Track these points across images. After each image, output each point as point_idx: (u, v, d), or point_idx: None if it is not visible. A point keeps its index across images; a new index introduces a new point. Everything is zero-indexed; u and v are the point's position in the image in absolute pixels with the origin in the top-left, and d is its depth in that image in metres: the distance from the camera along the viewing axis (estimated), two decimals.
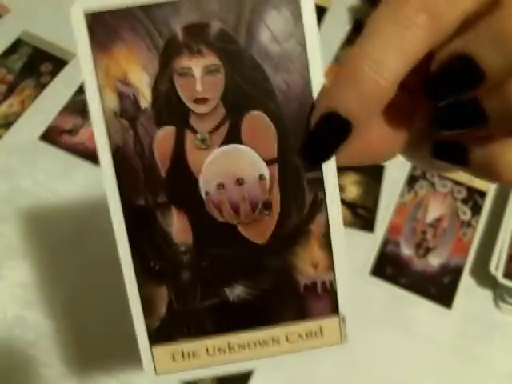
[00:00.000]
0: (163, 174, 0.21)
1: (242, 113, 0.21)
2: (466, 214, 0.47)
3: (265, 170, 0.22)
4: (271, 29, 0.21)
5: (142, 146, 0.21)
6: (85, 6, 0.20)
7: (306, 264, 0.22)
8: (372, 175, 0.49)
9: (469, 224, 0.47)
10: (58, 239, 0.48)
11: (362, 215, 0.47)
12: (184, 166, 0.21)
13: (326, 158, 0.21)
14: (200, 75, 0.21)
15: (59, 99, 0.54)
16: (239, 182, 0.22)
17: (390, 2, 0.19)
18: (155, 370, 0.23)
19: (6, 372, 0.43)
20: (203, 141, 0.21)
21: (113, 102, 0.21)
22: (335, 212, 0.22)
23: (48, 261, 0.47)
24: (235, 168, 0.21)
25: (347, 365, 0.42)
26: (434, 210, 0.47)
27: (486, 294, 0.45)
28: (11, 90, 0.55)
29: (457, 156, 0.22)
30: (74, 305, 0.45)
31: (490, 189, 0.48)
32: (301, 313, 0.23)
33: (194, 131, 0.21)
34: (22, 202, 0.49)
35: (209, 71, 0.21)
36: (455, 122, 0.21)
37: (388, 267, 0.45)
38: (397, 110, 0.22)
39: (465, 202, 0.48)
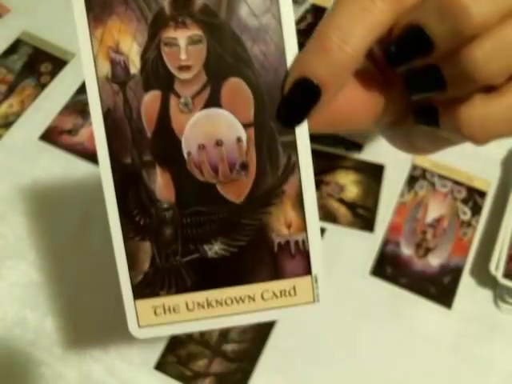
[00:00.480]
0: (149, 134, 0.24)
1: (222, 79, 0.23)
2: (465, 213, 0.47)
3: (242, 133, 0.24)
4: (249, 4, 0.23)
5: (130, 109, 0.23)
6: None
7: (280, 224, 0.24)
8: (372, 175, 0.49)
9: (469, 224, 0.47)
10: (58, 239, 0.48)
11: (362, 215, 0.47)
12: (168, 127, 0.24)
13: (299, 121, 0.24)
14: (184, 45, 0.23)
15: (59, 99, 0.55)
16: (218, 143, 0.24)
17: None
18: (138, 323, 0.24)
19: (6, 372, 0.43)
20: (186, 104, 0.23)
21: (105, 68, 0.23)
22: (307, 174, 0.24)
23: (48, 261, 0.47)
24: (215, 130, 0.24)
25: (347, 365, 0.42)
26: (434, 209, 0.47)
27: (486, 294, 0.45)
28: (11, 89, 0.55)
29: (430, 118, 0.25)
30: (74, 304, 0.45)
31: (490, 189, 0.49)
32: (275, 272, 0.25)
33: (178, 95, 0.23)
34: (22, 202, 0.49)
35: (192, 41, 0.23)
36: (419, 86, 0.24)
37: (388, 267, 0.45)
38: (370, 80, 0.25)
39: (465, 202, 0.48)
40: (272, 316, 0.25)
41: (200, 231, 0.24)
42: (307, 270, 0.25)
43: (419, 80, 0.24)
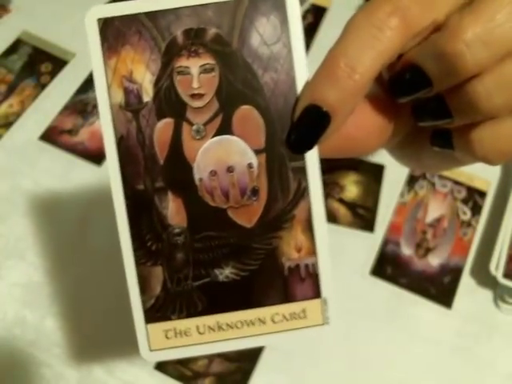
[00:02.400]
0: (161, 161, 0.24)
1: (234, 107, 0.24)
2: (465, 213, 0.47)
3: (253, 159, 0.24)
4: (261, 33, 0.24)
5: (143, 136, 0.24)
6: (98, 13, 0.23)
7: (290, 248, 0.25)
8: (372, 175, 0.49)
9: (469, 224, 0.47)
10: (58, 239, 0.48)
11: (362, 215, 0.47)
12: (180, 154, 0.24)
13: (309, 147, 0.24)
14: (197, 73, 0.24)
15: (59, 99, 0.55)
16: (230, 169, 0.24)
17: (367, 6, 0.22)
18: (149, 346, 0.25)
19: (6, 372, 0.43)
20: (198, 132, 0.24)
21: (119, 97, 0.24)
22: (317, 199, 0.25)
23: (48, 260, 0.47)
24: (226, 157, 0.24)
25: (347, 365, 0.42)
26: (434, 209, 0.47)
27: (486, 294, 0.45)
28: (11, 90, 0.55)
29: (445, 141, 0.25)
30: (74, 304, 0.45)
31: (490, 189, 0.49)
32: (285, 295, 0.25)
33: (191, 123, 0.24)
34: (22, 202, 0.50)
35: (204, 70, 0.24)
36: (426, 116, 0.25)
37: (388, 267, 0.45)
38: (379, 105, 0.25)
39: (465, 201, 0.48)
40: (282, 338, 0.25)
41: (211, 256, 0.25)
42: (317, 294, 0.25)
43: (425, 110, 0.24)
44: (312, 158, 0.24)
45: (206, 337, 0.25)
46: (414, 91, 0.23)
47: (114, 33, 0.23)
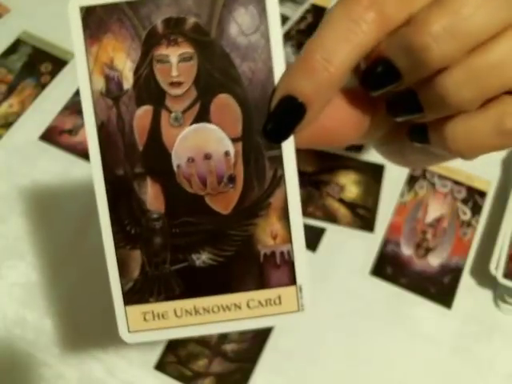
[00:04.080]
0: (141, 148, 0.25)
1: (212, 95, 0.24)
2: (465, 213, 0.47)
3: (230, 147, 0.25)
4: (239, 23, 0.24)
5: (123, 123, 0.24)
6: (80, 1, 0.24)
7: (266, 235, 0.25)
8: (372, 175, 0.49)
9: (469, 224, 0.47)
10: (58, 239, 0.48)
11: (361, 215, 0.47)
12: (159, 141, 0.25)
13: (285, 137, 0.24)
14: (176, 62, 0.24)
15: (59, 99, 0.55)
16: (207, 156, 0.25)
17: (345, 0, 0.23)
18: (128, 328, 0.25)
19: (6, 372, 0.43)
20: (176, 119, 0.24)
21: (100, 84, 0.24)
22: (293, 187, 0.25)
23: (47, 260, 0.47)
24: (204, 144, 0.25)
25: (347, 365, 0.42)
26: (434, 209, 0.47)
27: (486, 294, 0.45)
28: (11, 90, 0.56)
29: (421, 135, 0.26)
30: (74, 304, 0.45)
31: (490, 189, 0.49)
32: (261, 281, 0.25)
33: (169, 110, 0.24)
34: (22, 202, 0.50)
35: (183, 59, 0.24)
36: (398, 110, 0.25)
37: (388, 267, 0.45)
38: (355, 98, 0.25)
39: (465, 202, 0.48)
40: (257, 324, 0.26)
41: (188, 241, 0.25)
42: (292, 280, 0.25)
43: (398, 104, 0.25)
44: (288, 148, 0.25)
45: (183, 320, 0.25)
46: (384, 84, 0.24)
47: (95, 21, 0.24)
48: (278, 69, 0.24)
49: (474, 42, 0.22)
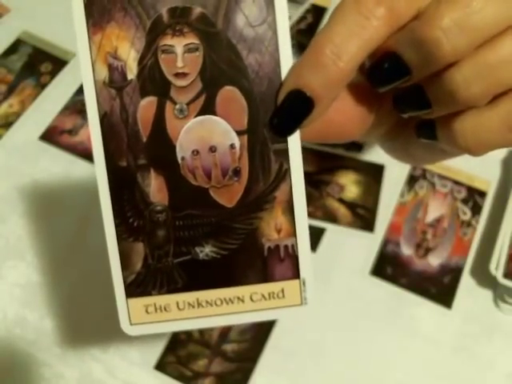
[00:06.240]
0: (144, 139, 0.24)
1: (217, 87, 0.24)
2: (465, 213, 0.47)
3: (235, 140, 0.24)
4: (246, 14, 0.23)
5: (126, 114, 0.24)
6: None
7: (270, 228, 0.25)
8: (372, 175, 0.49)
9: (469, 224, 0.47)
10: (58, 239, 0.48)
11: (362, 215, 0.47)
12: (163, 132, 0.24)
13: (291, 131, 0.24)
14: (181, 52, 0.24)
15: (59, 99, 0.55)
16: (212, 149, 0.24)
17: None
18: (130, 320, 0.25)
19: (6, 372, 0.43)
20: (181, 111, 0.24)
21: (103, 73, 0.24)
22: (298, 181, 0.25)
23: (48, 260, 0.47)
24: (209, 137, 0.24)
25: (347, 365, 0.42)
26: (434, 209, 0.47)
27: (486, 294, 0.45)
28: (11, 90, 0.55)
29: (429, 131, 0.25)
30: (74, 304, 0.45)
31: (490, 189, 0.49)
32: (264, 275, 0.25)
33: (174, 102, 0.24)
34: (22, 202, 0.50)
35: (189, 49, 0.24)
36: (406, 106, 0.25)
37: (388, 267, 0.45)
38: (362, 94, 0.25)
39: (465, 202, 0.48)
40: (260, 317, 0.26)
41: (192, 234, 0.25)
42: (296, 274, 0.25)
43: (405, 100, 0.24)
44: (294, 141, 0.24)
45: (185, 313, 0.25)
46: (392, 80, 0.23)
47: (99, 9, 0.23)
48: (285, 61, 0.24)
49: (484, 36, 0.21)
